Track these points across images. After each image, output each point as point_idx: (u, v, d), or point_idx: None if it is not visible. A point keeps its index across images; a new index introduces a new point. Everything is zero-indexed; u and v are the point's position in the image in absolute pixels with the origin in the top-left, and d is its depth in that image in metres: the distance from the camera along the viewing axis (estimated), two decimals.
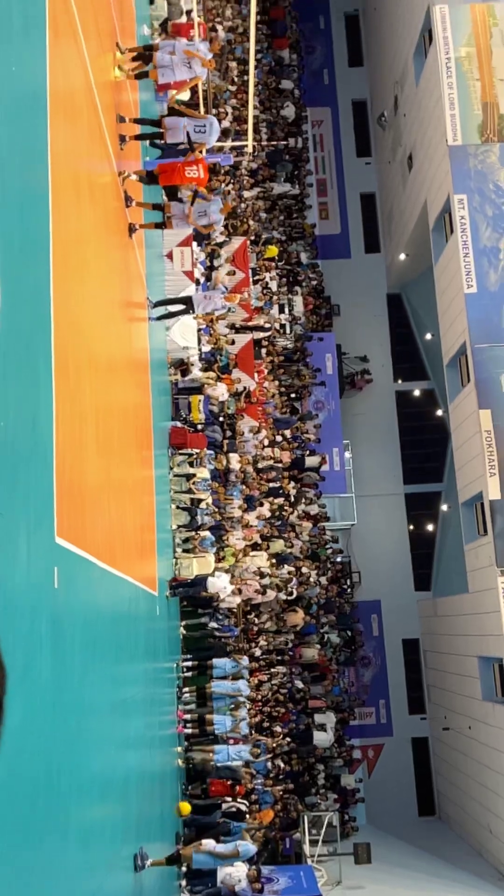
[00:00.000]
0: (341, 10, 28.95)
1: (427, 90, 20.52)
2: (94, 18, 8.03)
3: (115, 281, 8.67)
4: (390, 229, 26.66)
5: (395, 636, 25.06)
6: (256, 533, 17.55)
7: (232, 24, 21.39)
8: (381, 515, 25.23)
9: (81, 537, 5.57)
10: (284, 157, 24.43)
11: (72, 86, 6.58)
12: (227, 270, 18.78)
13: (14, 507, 3.98)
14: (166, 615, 12.10)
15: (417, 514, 25.89)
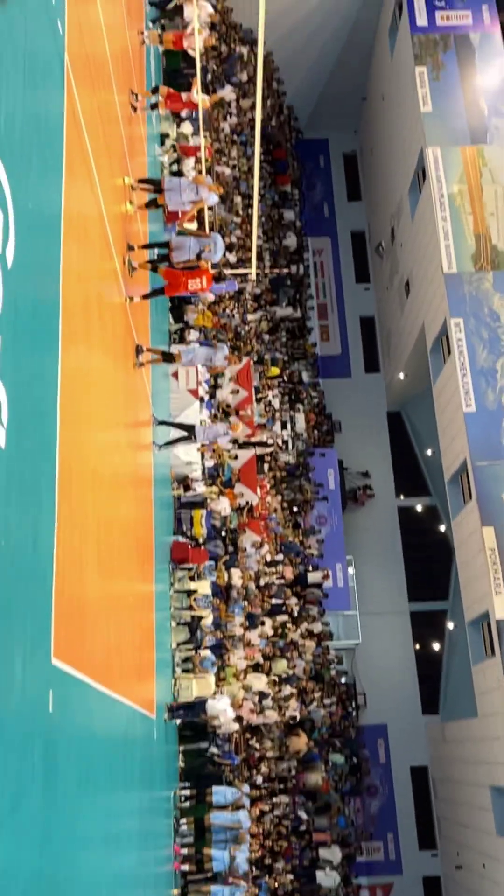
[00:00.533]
0: (340, 150, 30.89)
1: (422, 223, 21.58)
2: (107, 158, 8.55)
3: (120, 398, 8.82)
4: (389, 350, 27.37)
5: (403, 763, 23.92)
6: (258, 652, 17.09)
7: (238, 163, 22.76)
8: (386, 634, 24.63)
9: (78, 658, 5.41)
10: (286, 283, 25.42)
11: (85, 217, 6.92)
12: (231, 389, 19.15)
13: (11, 628, 3.89)
14: (164, 740, 11.60)
15: (423, 632, 25.27)
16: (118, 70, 10.03)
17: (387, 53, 24.60)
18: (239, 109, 23.45)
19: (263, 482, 20.14)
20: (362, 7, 24.69)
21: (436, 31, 21.54)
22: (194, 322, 18.07)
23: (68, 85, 6.12)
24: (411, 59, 21.57)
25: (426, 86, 21.09)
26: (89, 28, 7.70)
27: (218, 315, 19.93)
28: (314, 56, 26.43)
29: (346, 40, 25.93)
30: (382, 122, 26.03)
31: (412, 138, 22.05)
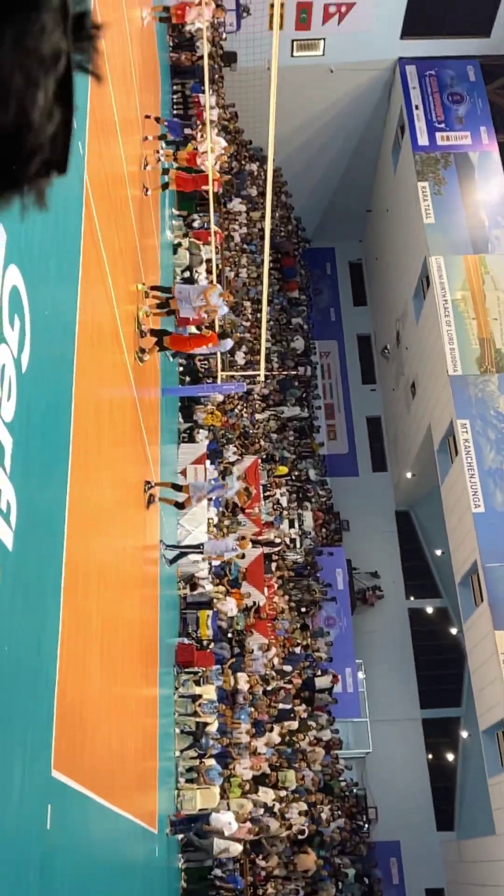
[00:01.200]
0: (346, 259, 32.04)
1: (427, 327, 22.11)
2: (122, 265, 8.89)
3: (129, 497, 8.83)
4: (396, 450, 27.51)
5: (418, 885, 22.51)
6: (265, 762, 16.41)
7: (247, 270, 23.58)
8: (397, 743, 23.68)
9: (79, 768, 5.20)
10: (294, 383, 25.84)
11: (99, 322, 7.13)
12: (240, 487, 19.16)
13: (11, 739, 3.76)
14: (166, 856, 11.00)
15: (436, 741, 24.28)
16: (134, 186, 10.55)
17: (390, 169, 25.85)
18: (249, 220, 24.48)
19: (271, 582, 19.86)
20: (366, 128, 26.13)
21: (436, 150, 22.68)
22: (203, 421, 18.29)
23: (87, 200, 6.43)
24: (414, 175, 22.63)
25: (428, 199, 22.03)
26: (108, 152, 8.15)
27: (227, 414, 20.18)
28: (321, 172, 27.79)
29: (351, 157, 27.32)
30: (387, 233, 27.08)
31: (416, 248, 22.88)
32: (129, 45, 10.71)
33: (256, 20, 21.29)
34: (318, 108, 25.37)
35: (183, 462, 16.37)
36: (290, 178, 27.55)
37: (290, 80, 21.60)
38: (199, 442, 17.33)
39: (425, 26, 23.22)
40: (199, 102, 18.18)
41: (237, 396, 21.05)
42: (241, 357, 21.81)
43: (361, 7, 22.14)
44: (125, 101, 9.76)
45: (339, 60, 23.67)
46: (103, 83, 7.76)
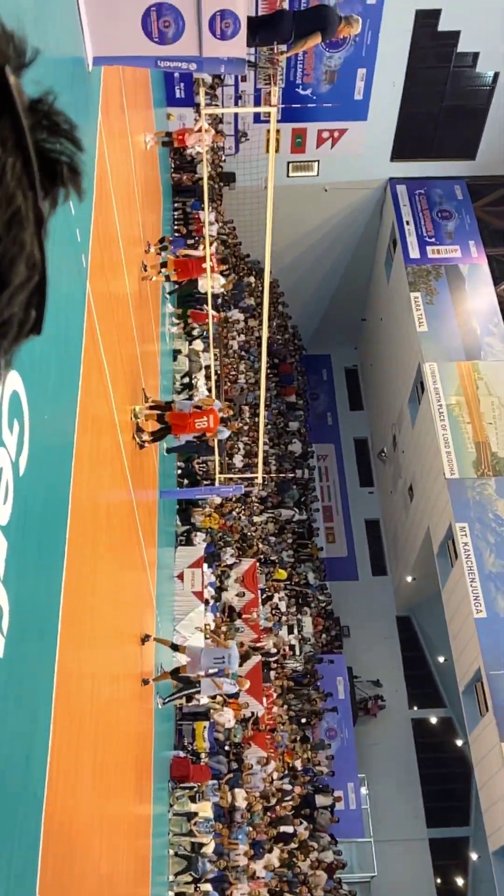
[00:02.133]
0: (342, 365, 32.79)
1: (423, 431, 22.37)
2: (122, 371, 9.08)
3: (124, 603, 8.69)
4: (396, 553, 27.28)
5: None
6: (264, 887, 15.44)
7: (245, 375, 24.08)
8: (404, 865, 22.36)
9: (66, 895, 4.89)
10: (292, 486, 25.92)
11: (98, 426, 7.21)
12: (237, 591, 18.90)
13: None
14: None
15: (445, 863, 22.95)
16: (136, 298, 10.91)
17: (384, 280, 26.81)
18: (247, 329, 25.19)
19: (270, 691, 19.27)
20: (360, 242, 27.28)
21: (428, 262, 23.61)
22: (201, 524, 18.22)
23: (88, 309, 6.63)
24: (406, 285, 23.47)
25: (421, 308, 22.76)
26: (111, 264, 8.49)
27: (225, 517, 20.12)
28: (316, 283, 28.81)
29: (346, 269, 28.39)
30: (381, 340, 27.82)
31: (410, 354, 23.46)
32: (133, 167, 11.32)
33: (254, 144, 22.58)
34: (313, 223, 26.56)
35: (180, 565, 16.20)
36: (286, 289, 28.53)
37: (286, 197, 22.74)
38: (197, 545, 17.22)
39: (414, 150, 24.63)
40: (199, 219, 19.06)
41: (235, 499, 21.05)
42: (239, 460, 21.95)
43: (353, 133, 23.54)
44: (127, 218, 10.22)
45: (333, 180, 24.96)
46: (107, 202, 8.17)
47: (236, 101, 21.78)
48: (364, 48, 20.98)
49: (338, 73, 22.13)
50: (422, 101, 23.27)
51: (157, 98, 17.62)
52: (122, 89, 9.94)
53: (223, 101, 21.48)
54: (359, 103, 22.79)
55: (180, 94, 20.46)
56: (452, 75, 22.74)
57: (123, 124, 10.18)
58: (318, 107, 22.21)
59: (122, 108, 10.10)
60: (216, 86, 20.98)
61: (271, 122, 8.63)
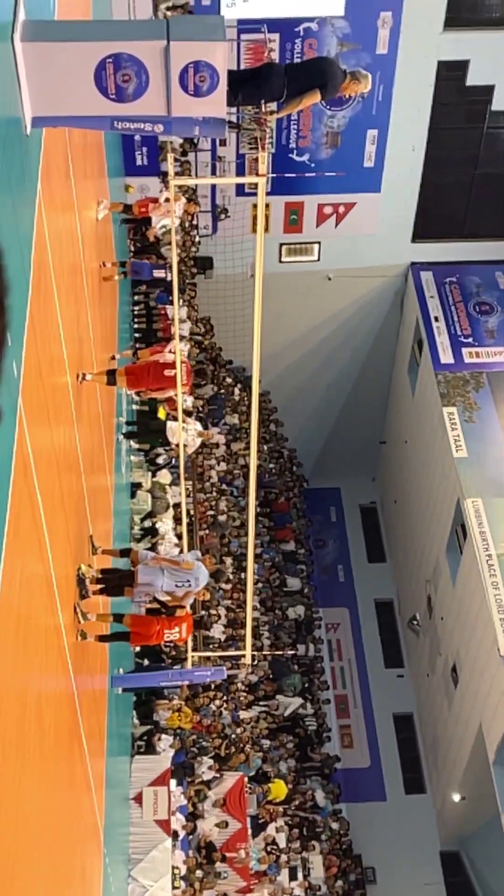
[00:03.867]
0: (355, 501, 32.99)
1: (467, 592, 22.28)
2: (62, 514, 9.09)
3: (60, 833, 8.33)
4: (437, 761, 26.56)
5: None
6: None
7: (227, 516, 24.15)
8: None
9: None
10: (292, 667, 25.46)
11: (28, 589, 7.13)
12: (217, 821, 18.30)
13: None
14: None
15: None
16: (83, 415, 11.09)
17: (407, 392, 27.46)
18: (229, 455, 25.49)
19: None
20: (375, 343, 28.14)
21: (464, 368, 24.28)
22: (167, 722, 17.86)
23: (20, 431, 6.71)
24: (437, 398, 24.03)
25: (458, 428, 23.20)
26: (50, 370, 8.67)
27: (199, 712, 19.69)
28: (320, 395, 29.47)
29: (358, 378, 29.12)
30: (407, 469, 28.16)
31: (445, 488, 23.70)
32: (81, 249, 11.79)
33: (236, 222, 23.68)
34: (314, 320, 27.47)
35: (138, 783, 15.85)
36: (280, 404, 29.15)
37: (279, 288, 23.63)
38: (162, 753, 16.86)
39: (441, 228, 25.87)
40: (167, 315, 19.69)
41: (214, 686, 20.64)
42: (219, 631, 21.65)
43: (364, 207, 24.75)
44: (73, 312, 10.54)
45: (339, 266, 26.03)
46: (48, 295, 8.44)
47: (213, 169, 22.99)
48: (374, 105, 22.42)
49: (342, 136, 23.54)
50: (449, 168, 24.69)
51: (113, 166, 18.60)
52: (68, 155, 10.50)
53: (197, 169, 22.69)
54: (370, 172, 24.12)
55: (142, 161, 21.64)
56: (486, 137, 24.25)
57: (70, 198, 10.68)
58: (317, 176, 23.48)
59: (69, 178, 10.62)
60: (188, 150, 22.22)
61: (259, 195, 9.07)
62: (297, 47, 21.57)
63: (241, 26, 19.22)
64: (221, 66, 7.02)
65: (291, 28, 21.34)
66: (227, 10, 19.87)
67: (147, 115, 7.23)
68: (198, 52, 6.97)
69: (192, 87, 7.03)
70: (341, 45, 21.73)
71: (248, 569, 13.91)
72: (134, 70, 6.95)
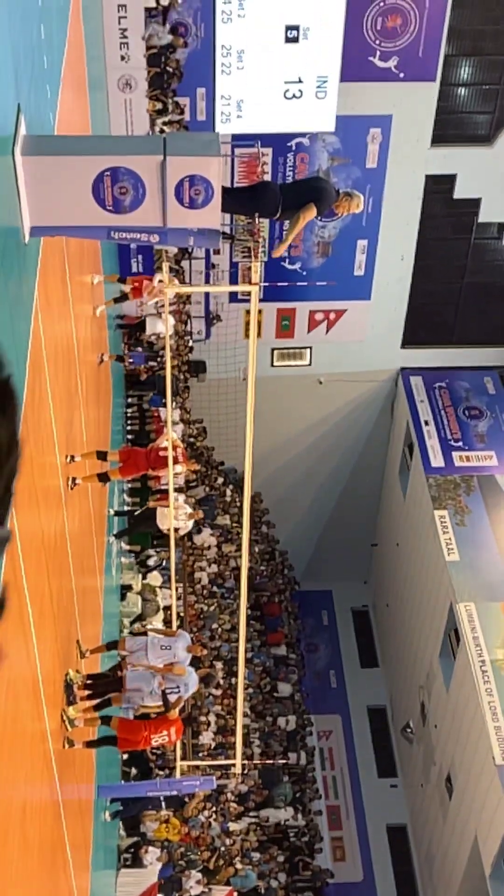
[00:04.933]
0: (347, 604, 32.76)
1: (461, 698, 21.97)
2: (51, 614, 9.01)
3: None
4: (432, 875, 25.81)
5: None
6: None
7: (218, 620, 23.94)
8: None
9: None
10: (283, 777, 24.94)
11: (15, 693, 7.03)
12: None
13: None
14: None
15: None
16: (74, 516, 11.10)
17: (398, 495, 27.55)
18: (220, 556, 25.41)
19: None
20: (366, 446, 28.38)
21: (455, 472, 24.43)
22: (154, 834, 17.48)
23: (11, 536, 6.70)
24: (429, 501, 24.11)
25: (450, 531, 23.21)
26: (42, 471, 8.71)
27: (187, 824, 19.26)
28: (311, 496, 29.55)
29: (349, 480, 29.26)
30: (399, 572, 28.07)
31: (438, 592, 23.60)
32: (77, 353, 11.96)
33: (229, 327, 24.12)
34: (306, 422, 27.75)
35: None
36: (271, 506, 29.19)
37: (271, 392, 23.92)
38: (148, 866, 16.44)
39: (431, 335, 26.39)
40: (160, 417, 19.89)
41: (204, 796, 20.21)
42: (208, 738, 21.29)
43: (354, 314, 25.29)
44: (66, 415, 10.64)
45: (330, 371, 26.44)
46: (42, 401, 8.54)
47: (207, 277, 23.53)
48: (364, 217, 23.08)
49: (332, 246, 24.18)
50: (438, 277, 25.32)
51: (109, 271, 19.00)
52: (65, 261, 10.75)
53: (191, 276, 23.20)
54: (360, 280, 24.71)
55: (138, 269, 22.09)
56: (474, 248, 24.93)
57: (66, 302, 10.90)
58: (309, 285, 24.03)
59: (65, 282, 10.85)
60: (181, 259, 22.75)
61: (252, 302, 9.28)
62: (289, 161, 22.29)
63: (234, 142, 19.90)
64: (216, 180, 7.26)
65: (284, 143, 22.09)
66: (221, 126, 20.56)
67: (143, 226, 7.44)
68: (193, 167, 7.22)
69: (188, 199, 7.27)
70: (332, 160, 22.48)
71: (238, 674, 13.76)
72: (131, 183, 7.18)
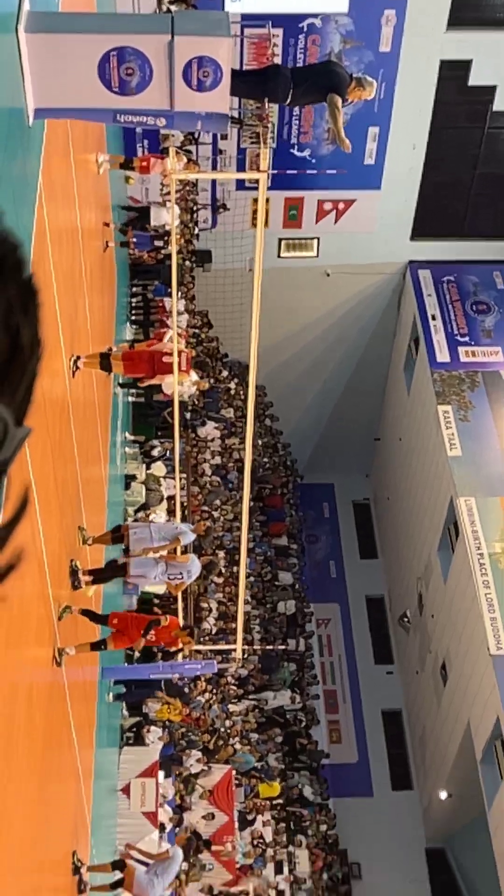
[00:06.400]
0: (348, 498, 33.03)
1: (458, 589, 22.34)
2: (57, 501, 9.10)
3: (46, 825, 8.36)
4: (424, 758, 26.65)
5: None
6: None
7: (220, 511, 24.19)
8: None
9: None
10: (282, 662, 25.53)
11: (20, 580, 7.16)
12: (204, 812, 18.35)
13: None
14: None
15: None
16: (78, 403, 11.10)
17: (402, 390, 27.49)
18: (224, 449, 25.52)
19: None
20: (371, 340, 28.16)
21: (460, 367, 24.31)
22: (156, 715, 17.87)
23: None
24: (433, 397, 24.06)
25: (452, 427, 23.24)
26: (47, 358, 8.69)
27: (189, 706, 19.73)
28: (316, 390, 29.50)
29: (354, 374, 29.15)
30: (401, 466, 28.22)
31: (439, 486, 23.76)
32: (80, 241, 11.79)
33: (236, 216, 23.65)
34: (312, 316, 27.47)
35: (126, 774, 15.83)
36: (276, 399, 29.16)
37: (277, 283, 23.62)
38: (150, 745, 16.86)
39: (440, 227, 25.86)
40: (164, 307, 19.70)
41: (205, 679, 20.70)
42: (210, 624, 21.71)
43: (363, 205, 24.75)
44: (70, 301, 10.56)
45: (337, 262, 26.03)
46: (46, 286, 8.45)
47: (214, 163, 22.98)
48: (377, 103, 22.36)
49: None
50: (450, 167, 24.68)
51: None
52: (69, 146, 10.51)
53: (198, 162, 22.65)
54: (370, 170, 24.11)
55: (144, 153, 21.58)
56: (487, 138, 24.24)
57: (70, 188, 10.69)
58: (318, 173, 23.46)
59: (70, 168, 10.63)
60: (186, 143, 22.18)
61: (260, 190, 9.10)
62: (300, 43, 21.52)
63: (244, 22, 19.19)
64: (225, 62, 7.03)
65: (295, 24, 21.28)
66: (231, 5, 19.80)
67: (150, 109, 7.24)
68: (202, 48, 6.98)
69: (196, 82, 7.05)
70: (344, 42, 21.68)
71: (240, 562, 13.97)
72: (138, 64, 6.96)
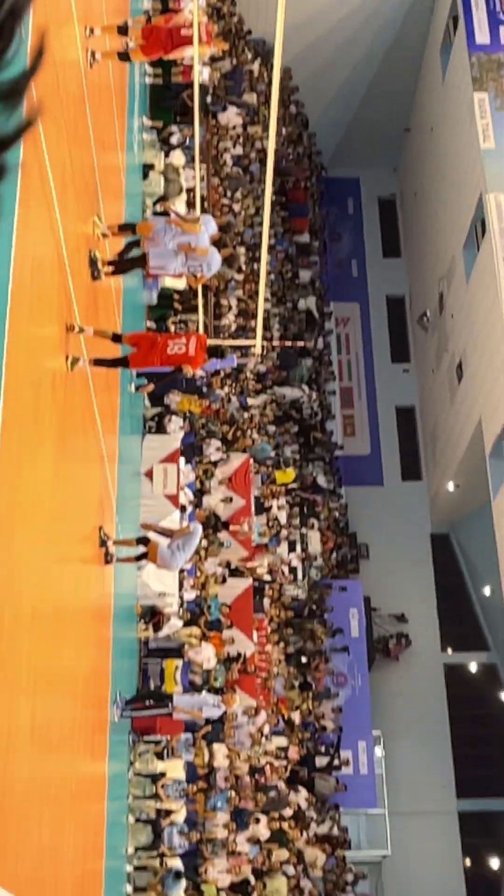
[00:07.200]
0: (374, 193, 32.00)
1: (481, 289, 22.12)
2: (73, 191, 8.82)
3: (73, 505, 8.77)
4: (434, 452, 27.52)
5: None
6: (247, 863, 16.42)
7: (242, 204, 23.49)
8: (425, 843, 23.76)
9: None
10: (300, 358, 25.81)
11: (40, 268, 7.07)
12: (223, 496, 19.14)
13: None
14: None
15: (475, 842, 24.36)
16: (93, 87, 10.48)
17: (437, 75, 25.83)
18: (246, 137, 24.39)
19: (262, 624, 19.84)
20: (406, 18, 26.10)
21: (500, 49, 22.68)
22: (177, 406, 18.23)
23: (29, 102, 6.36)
24: (469, 82, 22.65)
25: (487, 116, 22.04)
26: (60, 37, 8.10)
27: (209, 398, 20.13)
28: (344, 75, 27.74)
29: (385, 56, 27.27)
30: (430, 160, 27.07)
31: (469, 181, 22.89)
32: None
33: None
34: None
35: (149, 459, 16.31)
36: (301, 83, 27.50)
37: None
38: (172, 433, 17.26)
39: None
40: None
41: (224, 373, 21.01)
42: (230, 321, 21.74)
43: None
44: None
45: None
46: None
47: None
48: None
49: None
50: None
51: None
52: None
53: None
54: None
55: None
56: None
57: None
58: None
59: None
60: None
61: None
62: None
63: None
64: None
65: None
66: None
67: None
68: None
69: None
70: None
71: (261, 259, 13.70)
72: None
